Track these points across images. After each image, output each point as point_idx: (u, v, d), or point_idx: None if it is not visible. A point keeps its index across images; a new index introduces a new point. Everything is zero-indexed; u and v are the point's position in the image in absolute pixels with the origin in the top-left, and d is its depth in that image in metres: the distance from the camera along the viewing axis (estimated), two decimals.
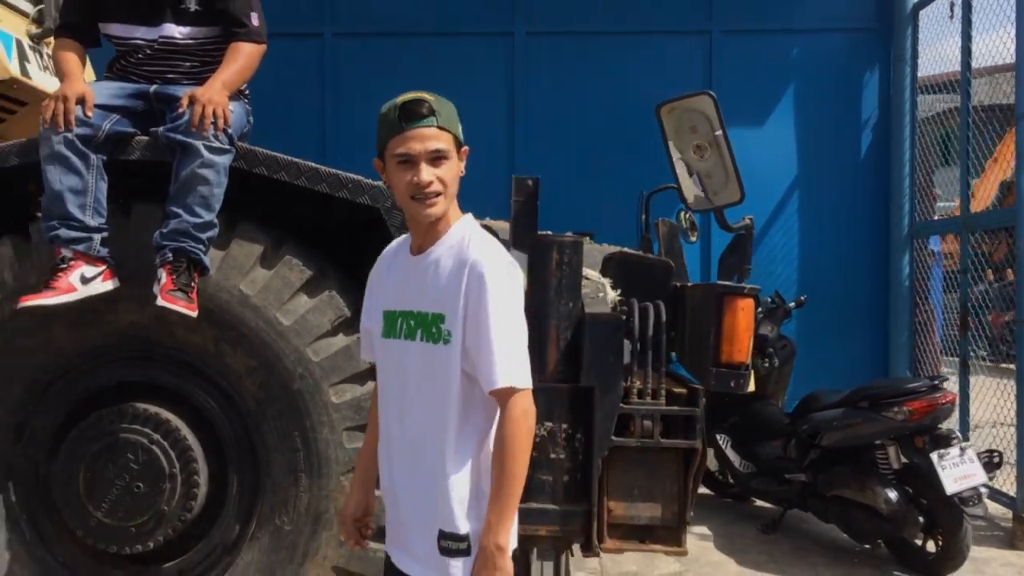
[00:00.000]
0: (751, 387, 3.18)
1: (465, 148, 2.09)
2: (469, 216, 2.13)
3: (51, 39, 3.48)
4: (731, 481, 5.55)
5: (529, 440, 1.98)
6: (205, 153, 2.92)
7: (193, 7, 3.15)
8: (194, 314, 2.91)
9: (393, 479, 2.11)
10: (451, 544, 1.99)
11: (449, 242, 2.05)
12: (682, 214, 5.05)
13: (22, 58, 3.58)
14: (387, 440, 2.14)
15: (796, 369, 5.59)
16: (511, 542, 1.99)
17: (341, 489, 3.05)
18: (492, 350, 1.94)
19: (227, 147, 2.98)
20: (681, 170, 3.64)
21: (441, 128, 2.00)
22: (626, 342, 3.14)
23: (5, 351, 3.12)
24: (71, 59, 3.10)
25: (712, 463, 5.49)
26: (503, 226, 3.45)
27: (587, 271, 3.68)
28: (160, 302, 2.85)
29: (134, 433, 3.09)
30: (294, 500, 3.11)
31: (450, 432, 1.99)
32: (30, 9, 3.62)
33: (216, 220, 2.99)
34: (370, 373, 3.09)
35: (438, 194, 2.01)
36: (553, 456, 3.07)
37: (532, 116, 7.20)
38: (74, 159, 2.93)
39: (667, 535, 3.11)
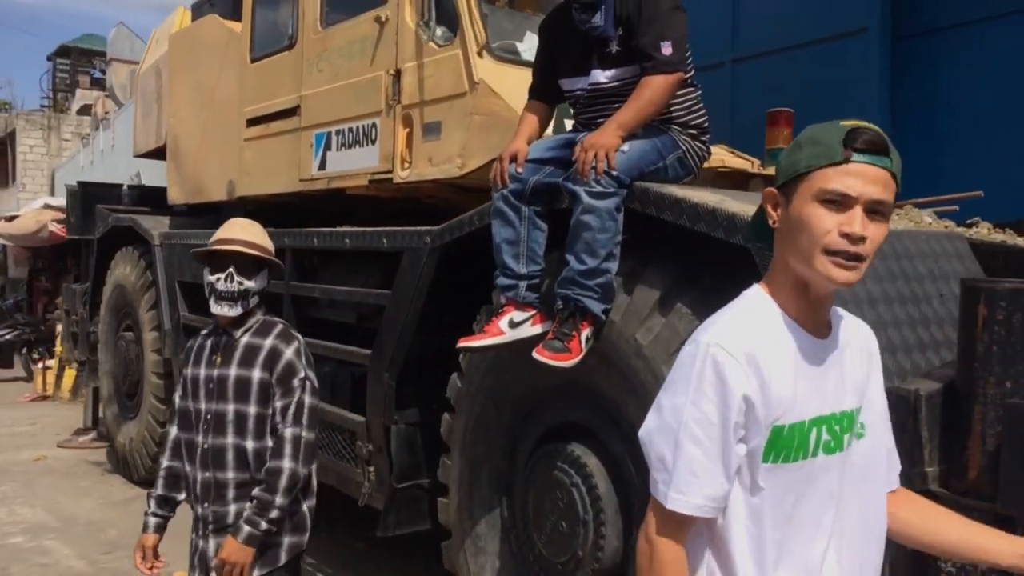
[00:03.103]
0: None
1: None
2: None
3: None
4: None
5: None
6: (585, 199, 2.86)
7: (615, 48, 3.09)
8: (566, 365, 2.87)
9: None
10: None
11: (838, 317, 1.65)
12: None
13: None
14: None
15: None
16: None
17: None
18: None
19: (610, 190, 2.85)
20: None
21: (893, 176, 1.47)
22: None
23: (499, 382, 3.54)
24: (522, 119, 3.33)
25: None
26: None
27: None
28: (533, 354, 2.90)
29: (562, 472, 3.19)
30: None
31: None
32: None
33: (608, 266, 2.89)
34: None
35: (862, 259, 1.47)
36: None
37: None
38: (509, 212, 3.17)
39: None
